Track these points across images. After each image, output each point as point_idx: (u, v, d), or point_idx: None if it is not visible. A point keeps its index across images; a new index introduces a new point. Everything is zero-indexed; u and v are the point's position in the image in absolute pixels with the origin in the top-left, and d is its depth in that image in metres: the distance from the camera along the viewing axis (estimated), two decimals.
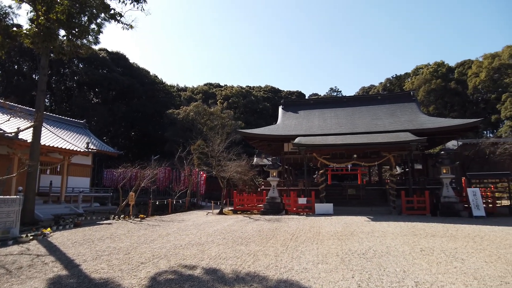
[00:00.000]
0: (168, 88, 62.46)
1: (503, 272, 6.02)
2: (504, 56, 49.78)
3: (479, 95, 52.69)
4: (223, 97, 59.86)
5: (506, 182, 20.90)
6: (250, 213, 19.79)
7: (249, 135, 25.31)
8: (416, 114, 24.91)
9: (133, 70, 52.15)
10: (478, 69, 51.38)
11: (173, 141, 38.61)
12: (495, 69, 49.06)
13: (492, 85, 49.60)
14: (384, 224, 13.16)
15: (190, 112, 41.96)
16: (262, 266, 6.55)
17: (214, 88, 67.83)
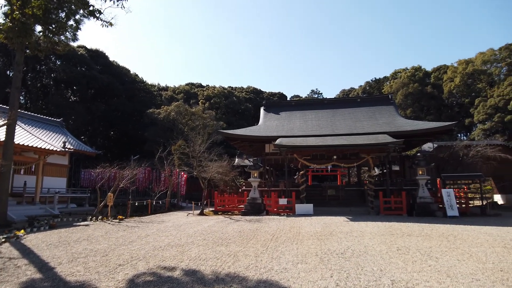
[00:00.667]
0: (149, 87, 61.52)
1: (474, 270, 6.26)
2: (477, 62, 51.79)
3: (454, 99, 54.54)
4: (205, 97, 59.51)
5: (478, 183, 21.71)
6: (231, 213, 19.77)
7: (230, 136, 25.29)
8: (394, 117, 25.56)
9: (113, 68, 51.10)
10: (453, 74, 53.27)
11: (153, 141, 38.06)
12: (468, 74, 50.98)
13: (466, 90, 51.50)
14: (363, 224, 13.44)
15: (171, 112, 41.50)
16: (242, 267, 6.58)
17: (196, 88, 67.32)
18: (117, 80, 48.67)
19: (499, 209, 21.25)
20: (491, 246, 8.67)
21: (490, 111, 45.05)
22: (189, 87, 67.47)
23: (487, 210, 18.76)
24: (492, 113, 44.78)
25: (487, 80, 50.46)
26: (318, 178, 38.54)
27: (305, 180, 21.27)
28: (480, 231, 11.50)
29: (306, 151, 19.95)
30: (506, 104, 43.22)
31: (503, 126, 43.27)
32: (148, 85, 61.99)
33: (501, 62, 50.21)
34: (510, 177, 25.20)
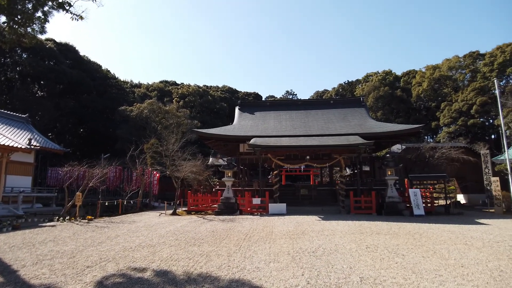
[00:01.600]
0: (121, 84, 59.89)
1: (437, 266, 6.56)
2: (443, 68, 54.25)
3: (422, 103, 56.82)
4: (179, 95, 58.67)
5: (442, 184, 22.74)
6: (204, 213, 19.64)
7: (205, 135, 25.13)
8: (365, 119, 26.30)
9: (84, 64, 49.28)
10: (421, 79, 55.53)
11: (125, 139, 37.16)
12: (435, 79, 53.30)
13: (433, 94, 53.81)
14: (334, 223, 13.74)
15: (144, 110, 40.64)
16: (214, 267, 6.57)
17: (170, 86, 66.23)
18: (87, 75, 47.01)
19: (462, 208, 22.34)
20: (453, 243, 9.11)
21: (455, 115, 47.29)
22: (163, 84, 66.28)
23: (451, 209, 19.70)
24: (456, 116, 47.02)
25: (453, 86, 52.94)
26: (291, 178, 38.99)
27: (279, 180, 21.50)
28: (444, 229, 12.07)
29: (280, 151, 20.16)
30: (469, 108, 45.50)
31: (466, 129, 45.54)
32: (120, 82, 60.34)
33: (465, 69, 52.89)
34: (471, 177, 26.57)
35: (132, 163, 24.34)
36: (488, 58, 49.58)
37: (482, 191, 23.19)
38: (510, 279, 5.65)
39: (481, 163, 22.71)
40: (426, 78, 54.20)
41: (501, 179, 20.56)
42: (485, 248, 8.44)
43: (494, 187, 20.13)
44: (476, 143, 35.77)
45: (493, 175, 21.55)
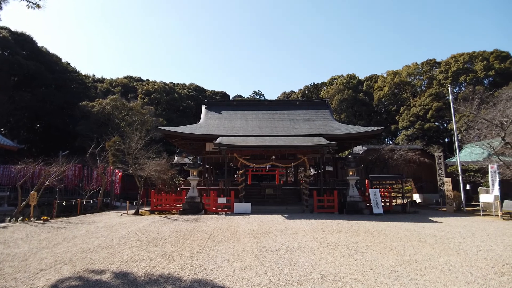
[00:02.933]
0: (83, 78, 57.11)
1: (394, 262, 6.88)
2: (403, 74, 57.04)
3: (383, 106, 59.32)
4: (144, 92, 57.06)
5: (400, 184, 23.86)
6: (168, 213, 19.29)
7: (170, 133, 24.62)
8: (329, 121, 27.00)
9: (42, 55, 46.42)
10: (382, 84, 58.02)
11: (85, 136, 35.60)
12: (396, 84, 55.91)
13: (393, 98, 56.38)
14: (297, 222, 14.00)
15: (107, 106, 39.16)
16: (177, 267, 6.48)
17: (135, 82, 64.19)
18: (46, 68, 44.34)
19: (417, 207, 23.53)
20: (408, 240, 9.59)
21: (413, 119, 49.84)
22: (127, 80, 64.12)
23: (407, 208, 20.71)
24: (414, 120, 49.58)
25: (411, 91, 55.79)
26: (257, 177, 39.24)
27: (244, 180, 21.54)
28: (401, 227, 12.67)
29: (246, 150, 20.21)
30: (426, 113, 48.16)
31: (423, 132, 48.12)
32: (81, 76, 57.54)
33: (423, 75, 55.97)
34: (427, 178, 28.09)
35: (92, 161, 23.38)
36: (444, 66, 52.78)
37: (436, 191, 24.58)
38: (458, 273, 6.04)
39: (435, 165, 24.05)
40: (387, 83, 56.76)
41: (453, 180, 21.89)
42: (437, 244, 8.96)
43: (447, 187, 21.38)
44: (431, 145, 37.87)
45: (445, 176, 22.89)
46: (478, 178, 22.58)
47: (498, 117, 20.10)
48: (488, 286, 5.31)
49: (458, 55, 52.11)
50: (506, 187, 21.56)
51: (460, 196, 21.51)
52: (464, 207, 21.10)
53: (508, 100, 20.61)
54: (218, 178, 29.30)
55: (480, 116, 21.87)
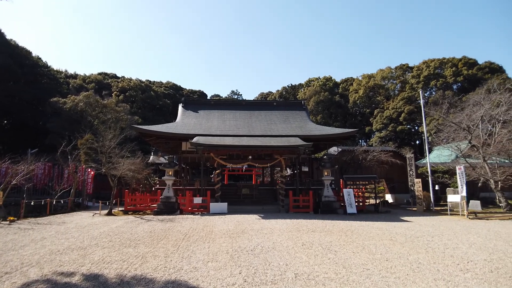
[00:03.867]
0: (54, 73, 54.82)
1: (365, 261, 7.07)
2: (377, 77, 58.65)
3: (357, 108, 60.72)
4: (119, 89, 55.66)
5: (373, 184, 24.49)
6: (142, 213, 18.92)
7: (145, 132, 24.16)
8: (306, 122, 27.36)
9: (10, 48, 44.15)
10: (357, 86, 59.42)
11: (56, 134, 34.33)
12: (370, 87, 57.42)
13: (368, 101, 57.84)
14: (273, 221, 14.10)
15: (80, 103, 37.89)
16: (150, 268, 6.38)
17: (109, 79, 62.42)
18: (14, 61, 42.18)
19: (389, 207, 24.21)
20: (380, 239, 9.87)
21: (386, 121, 51.30)
22: (102, 77, 62.24)
23: (380, 208, 21.27)
24: (387, 123, 51.04)
25: (385, 94, 57.41)
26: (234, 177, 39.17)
27: (221, 179, 21.46)
28: (373, 226, 13.02)
29: (222, 150, 20.13)
30: (398, 116, 49.69)
31: (395, 134, 49.62)
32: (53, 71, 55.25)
33: (396, 80, 57.79)
34: (398, 179, 28.96)
35: (63, 160, 22.59)
36: (416, 71, 54.72)
37: (407, 191, 25.39)
38: (426, 270, 6.28)
39: (407, 166, 24.84)
40: (362, 86, 58.18)
41: (423, 181, 22.68)
42: (407, 243, 9.27)
43: (417, 187, 22.12)
44: (403, 147, 39.10)
45: (416, 177, 23.69)
46: (446, 179, 23.52)
47: (465, 121, 21.05)
48: (454, 283, 5.54)
49: (430, 61, 54.17)
50: (472, 188, 22.60)
51: (430, 196, 22.30)
52: (433, 206, 21.89)
53: (475, 105, 21.61)
54: (194, 178, 29.02)
55: (449, 119, 22.83)
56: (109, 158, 20.52)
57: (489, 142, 20.06)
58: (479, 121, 20.63)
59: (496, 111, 20.55)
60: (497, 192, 19.69)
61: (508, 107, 20.40)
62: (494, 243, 9.20)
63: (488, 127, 21.21)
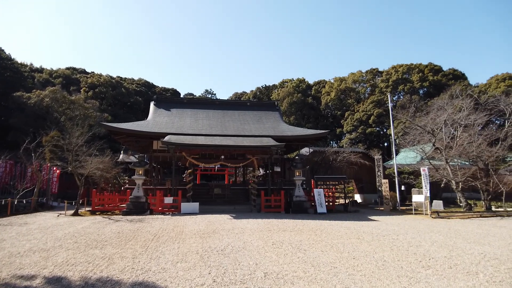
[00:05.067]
0: (18, 66, 51.98)
1: (333, 259, 7.24)
2: (349, 81, 60.26)
3: (329, 110, 62.02)
4: (88, 85, 53.67)
5: (343, 184, 25.11)
6: (111, 213, 18.39)
7: (115, 130, 23.48)
8: (279, 122, 27.63)
9: None
10: (329, 89, 60.73)
11: (19, 130, 32.66)
12: (342, 90, 58.85)
13: (339, 103, 59.22)
14: (244, 221, 14.14)
15: (45, 98, 36.23)
16: (117, 270, 6.24)
17: (78, 74, 60.11)
18: None
19: (358, 207, 24.89)
20: (348, 238, 10.15)
21: (356, 124, 52.74)
22: (70, 71, 59.79)
23: (349, 207, 21.85)
24: (357, 125, 52.49)
25: (356, 97, 59.06)
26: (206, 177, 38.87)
27: (193, 179, 21.25)
28: (342, 225, 13.36)
29: (195, 149, 19.93)
30: (368, 118, 51.24)
31: (365, 136, 51.11)
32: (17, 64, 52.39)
33: (367, 83, 59.67)
34: (367, 179, 29.84)
35: (27, 157, 21.53)
36: (385, 76, 56.69)
37: (375, 191, 26.22)
38: (391, 268, 6.54)
39: (375, 167, 25.64)
40: (334, 88, 59.52)
41: (390, 181, 23.50)
42: (374, 241, 9.59)
43: (384, 188, 22.90)
44: (372, 149, 40.31)
45: (383, 177, 24.50)
46: (412, 180, 24.51)
47: (430, 124, 22.06)
48: (416, 279, 5.80)
49: (398, 66, 56.27)
50: (435, 188, 23.68)
51: (396, 196, 23.16)
52: (399, 206, 22.76)
53: (439, 109, 22.69)
54: (165, 178, 28.54)
55: (415, 123, 23.80)
56: (76, 156, 19.82)
57: (451, 145, 21.12)
58: (443, 125, 21.69)
59: (458, 116, 21.68)
60: (458, 193, 20.74)
61: (469, 112, 21.59)
62: (454, 241, 9.68)
63: (451, 130, 22.35)
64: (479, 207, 20.55)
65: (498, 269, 6.51)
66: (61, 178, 26.44)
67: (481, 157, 20.51)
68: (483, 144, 20.37)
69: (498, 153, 20.34)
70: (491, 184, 19.94)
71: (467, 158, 21.74)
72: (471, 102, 22.48)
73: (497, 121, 34.59)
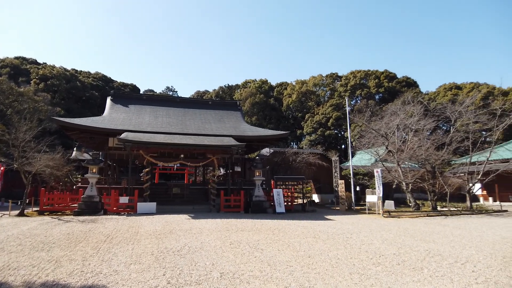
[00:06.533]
0: None
1: (289, 258, 7.36)
2: (310, 84, 61.80)
3: (290, 112, 63.17)
4: (40, 76, 50.24)
5: (301, 185, 25.65)
6: (61, 214, 17.38)
7: (67, 125, 22.21)
8: (240, 122, 27.67)
9: None
10: (291, 91, 61.91)
11: None
12: (303, 93, 60.21)
13: (300, 105, 60.54)
14: (203, 221, 13.99)
15: None
16: (64, 273, 5.90)
17: (28, 64, 56.01)
18: None
19: (315, 206, 25.55)
20: (305, 237, 10.38)
21: (316, 126, 54.18)
22: (19, 61, 55.58)
23: (306, 207, 22.39)
24: (317, 127, 53.93)
25: (316, 100, 60.66)
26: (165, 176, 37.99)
27: (150, 178, 20.67)
28: (299, 224, 13.63)
29: (153, 148, 19.40)
30: (327, 121, 52.85)
31: (324, 138, 52.65)
32: None
33: (327, 87, 61.53)
34: (324, 180, 30.73)
35: None
36: (344, 80, 58.81)
37: (332, 191, 27.08)
38: (344, 265, 6.77)
39: (332, 168, 26.49)
40: (295, 91, 60.77)
41: (346, 182, 24.40)
42: (329, 240, 9.88)
43: (340, 188, 23.74)
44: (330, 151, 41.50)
45: (340, 178, 25.38)
46: (366, 180, 25.62)
47: (384, 128, 23.21)
48: (366, 275, 6.06)
49: (356, 72, 58.60)
50: (387, 189, 24.92)
51: (351, 196, 24.06)
52: (354, 206, 23.67)
53: (392, 114, 23.94)
54: (121, 176, 27.52)
55: (370, 127, 24.92)
56: (23, 152, 18.50)
57: (403, 148, 22.36)
58: (395, 129, 22.93)
59: (409, 121, 23.03)
60: (408, 193, 22.00)
61: (419, 118, 23.01)
62: (402, 239, 10.23)
63: (403, 134, 23.69)
64: (426, 207, 21.89)
65: (440, 264, 6.97)
66: (6, 175, 24.51)
67: (428, 160, 21.89)
68: (431, 148, 21.77)
69: (444, 156, 21.81)
70: (437, 186, 21.35)
71: (417, 161, 23.09)
72: (421, 108, 23.96)
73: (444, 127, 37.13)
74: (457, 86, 52.37)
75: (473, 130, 22.34)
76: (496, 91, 45.34)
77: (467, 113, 22.30)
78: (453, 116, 22.53)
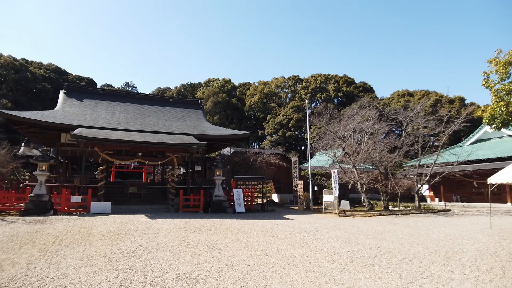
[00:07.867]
0: None
1: (247, 257, 7.38)
2: (272, 85, 62.59)
3: (252, 112, 63.55)
4: None
5: (261, 184, 25.92)
6: (5, 214, 16.17)
7: (14, 119, 20.63)
8: (201, 121, 27.38)
9: None
10: (254, 92, 62.31)
11: None
12: (265, 94, 60.85)
13: (262, 106, 61.08)
14: (160, 221, 13.67)
15: None
16: (6, 278, 5.49)
17: None
18: None
19: (275, 206, 25.88)
20: (263, 236, 10.48)
21: (277, 127, 54.93)
22: None
23: (266, 207, 22.63)
24: (278, 128, 54.70)
25: (278, 101, 61.51)
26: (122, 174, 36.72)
27: (105, 176, 19.86)
28: (258, 224, 13.75)
29: (109, 145, 18.61)
30: (288, 122, 53.78)
31: (285, 139, 53.53)
32: None
33: (288, 89, 62.64)
34: (284, 180, 31.28)
35: None
36: (305, 83, 60.22)
37: (291, 191, 27.60)
38: (300, 263, 6.92)
39: (292, 169, 27.00)
40: (258, 91, 61.24)
41: (304, 182, 24.96)
42: (287, 239, 10.06)
43: (299, 188, 24.26)
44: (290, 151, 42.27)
45: (299, 178, 25.90)
46: (323, 181, 26.38)
47: (341, 131, 24.08)
48: (321, 273, 6.23)
49: (317, 75, 60.22)
50: (343, 189, 25.89)
51: (309, 196, 24.68)
52: (311, 206, 24.29)
53: (349, 118, 24.91)
54: (74, 174, 26.13)
55: (329, 129, 25.73)
56: None
57: (359, 151, 23.33)
58: (352, 132, 23.89)
59: (365, 124, 24.07)
60: (362, 193, 22.97)
61: (374, 122, 24.13)
62: (356, 237, 10.66)
63: (359, 137, 24.71)
64: (379, 207, 22.96)
65: (390, 261, 7.34)
66: None
67: (382, 162, 23.01)
68: (384, 150, 22.90)
69: (396, 159, 23.02)
70: (389, 186, 22.49)
71: (371, 162, 24.17)
72: (376, 113, 25.15)
73: (397, 131, 39.24)
74: (410, 93, 55.62)
75: (422, 135, 23.77)
76: (443, 99, 48.68)
77: (418, 119, 23.75)
78: (405, 121, 23.85)
